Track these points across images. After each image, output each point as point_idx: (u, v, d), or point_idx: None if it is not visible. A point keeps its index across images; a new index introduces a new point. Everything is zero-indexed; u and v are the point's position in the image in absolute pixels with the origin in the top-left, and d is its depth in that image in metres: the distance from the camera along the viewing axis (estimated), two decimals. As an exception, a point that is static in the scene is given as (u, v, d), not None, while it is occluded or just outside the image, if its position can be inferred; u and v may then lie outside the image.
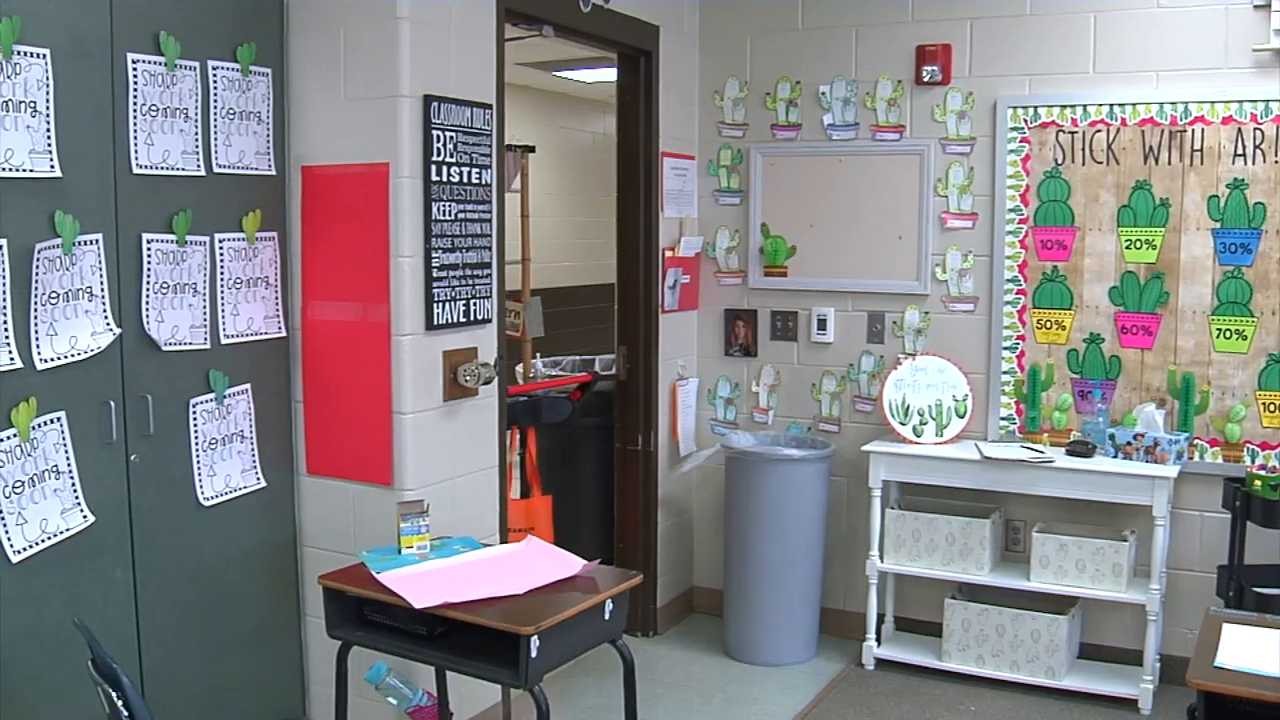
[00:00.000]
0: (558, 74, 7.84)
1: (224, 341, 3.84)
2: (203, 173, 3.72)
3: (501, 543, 4.34)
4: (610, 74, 5.74)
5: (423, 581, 3.37)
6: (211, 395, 3.80)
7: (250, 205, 3.92)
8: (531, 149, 5.60)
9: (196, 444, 3.75)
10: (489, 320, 4.30)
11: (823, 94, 5.49)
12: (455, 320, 4.12)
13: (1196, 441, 4.89)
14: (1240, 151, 4.74)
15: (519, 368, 5.80)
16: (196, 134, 3.69)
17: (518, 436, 5.34)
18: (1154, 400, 4.94)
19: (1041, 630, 4.87)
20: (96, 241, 3.36)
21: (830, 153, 5.47)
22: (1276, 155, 4.68)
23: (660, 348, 5.53)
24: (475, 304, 4.21)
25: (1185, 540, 4.96)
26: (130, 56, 3.45)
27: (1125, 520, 4.98)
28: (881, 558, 5.14)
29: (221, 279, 3.81)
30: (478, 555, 3.67)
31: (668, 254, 5.52)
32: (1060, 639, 4.84)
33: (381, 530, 3.90)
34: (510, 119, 4.51)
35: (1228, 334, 4.82)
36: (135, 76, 3.47)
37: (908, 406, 5.17)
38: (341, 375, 4.07)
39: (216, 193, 3.78)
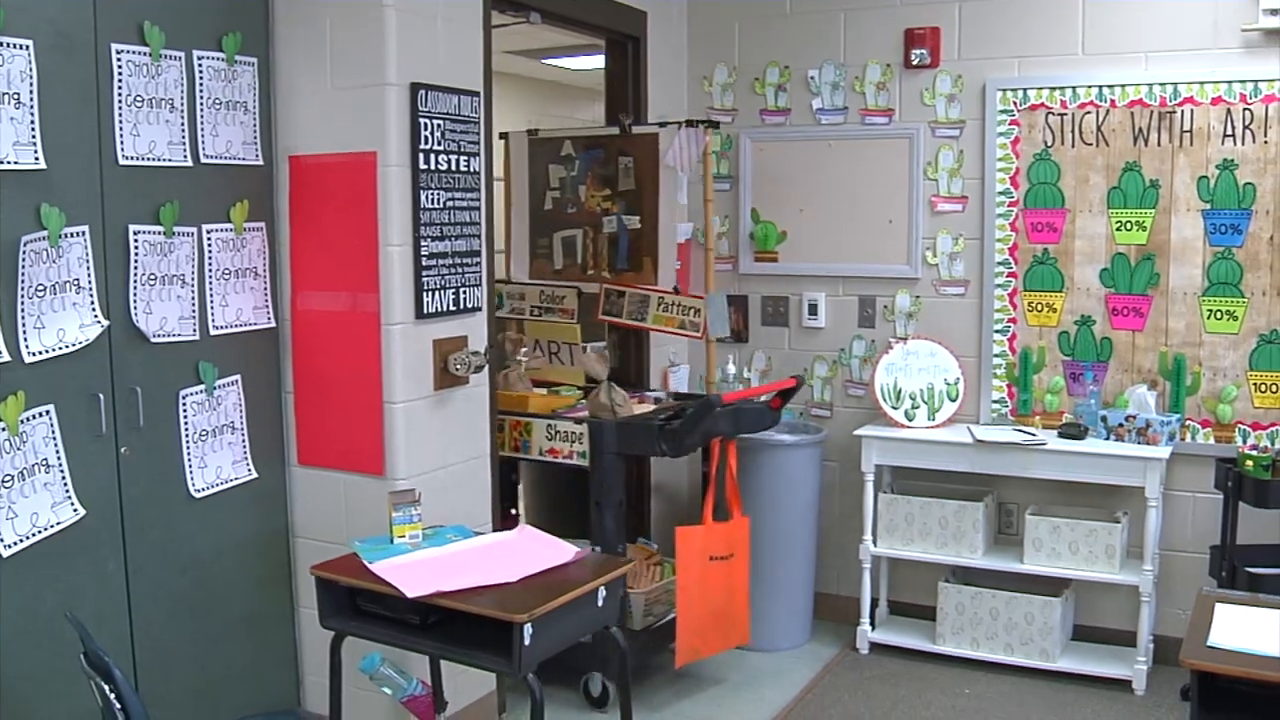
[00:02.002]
0: (546, 61, 7.81)
1: (213, 333, 3.83)
2: (189, 163, 3.71)
3: (494, 531, 4.33)
4: (599, 61, 5.73)
5: (415, 571, 3.37)
6: (201, 387, 3.79)
7: (238, 196, 3.90)
8: (715, 125, 5.23)
9: (187, 436, 3.74)
10: (479, 308, 4.29)
11: (811, 78, 5.47)
12: (445, 309, 4.11)
13: (1188, 422, 4.90)
14: (1230, 132, 4.74)
15: (669, 373, 5.75)
16: (183, 124, 3.68)
17: (718, 450, 4.72)
18: (1145, 382, 4.95)
19: (1035, 613, 4.88)
20: (83, 233, 3.35)
21: (819, 137, 5.46)
22: (1266, 135, 4.68)
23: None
24: (465, 292, 4.20)
25: (1177, 521, 4.97)
26: (114, 47, 3.43)
27: (1118, 502, 4.99)
28: (875, 542, 5.15)
29: (210, 270, 3.80)
30: (470, 544, 3.67)
31: None
32: (1054, 621, 4.85)
33: (374, 520, 3.90)
34: (500, 107, 4.50)
35: (1218, 315, 4.82)
36: (120, 67, 3.45)
37: (899, 390, 5.16)
38: (331, 365, 4.06)
39: (203, 183, 3.76)
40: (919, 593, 5.37)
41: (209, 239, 3.79)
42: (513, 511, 5.59)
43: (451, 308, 4.14)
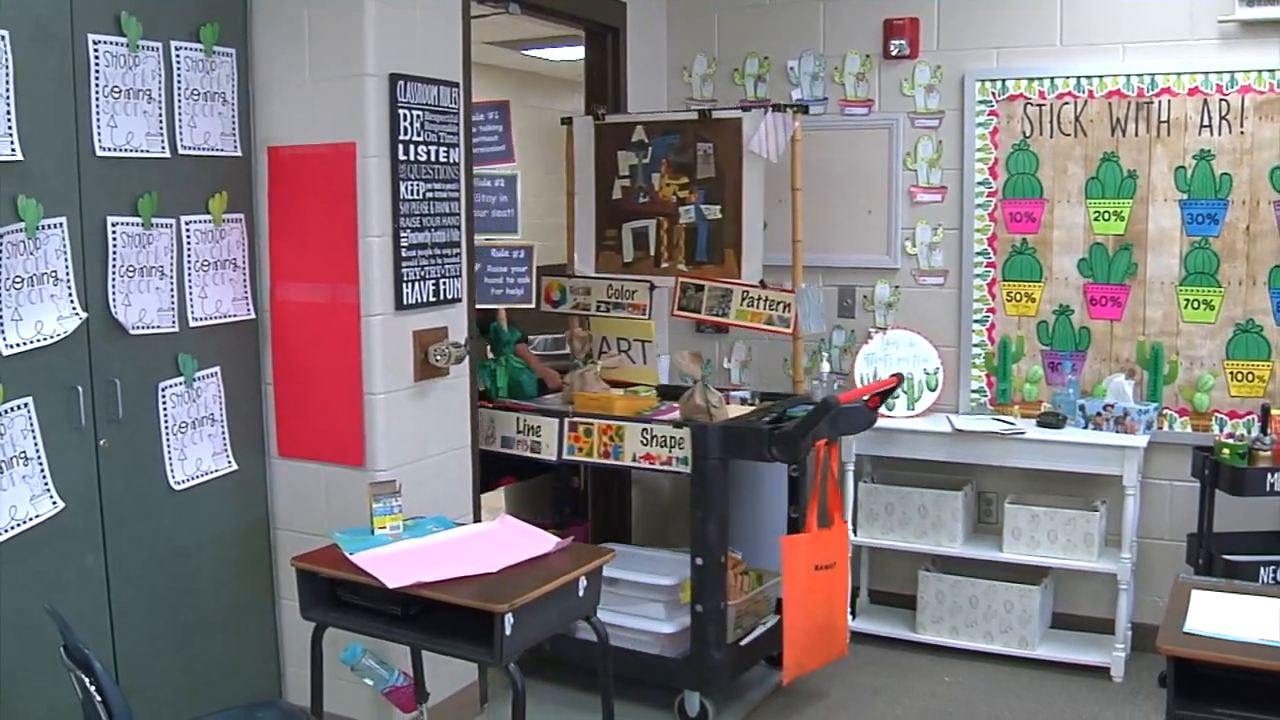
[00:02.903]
0: (526, 52, 7.80)
1: (192, 324, 3.82)
2: (167, 154, 3.69)
3: (475, 521, 4.34)
4: (579, 52, 5.72)
5: (396, 561, 3.37)
6: (181, 379, 3.78)
7: (216, 187, 3.89)
8: (805, 109, 5.00)
9: (166, 428, 3.73)
10: (459, 299, 4.29)
11: (791, 69, 5.48)
12: (425, 300, 4.11)
13: (1165, 411, 4.92)
14: (1206, 123, 4.76)
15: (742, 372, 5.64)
16: (160, 115, 3.66)
17: (821, 454, 4.44)
18: (1123, 371, 4.97)
19: (1014, 601, 4.90)
20: (60, 225, 3.33)
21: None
22: (1242, 126, 4.70)
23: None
24: (445, 283, 4.19)
25: (1155, 509, 4.99)
26: (91, 38, 3.42)
27: (1096, 490, 5.01)
28: (855, 531, 5.16)
29: (189, 261, 3.79)
30: (451, 534, 3.67)
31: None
32: (1033, 609, 4.88)
33: (354, 511, 3.89)
34: (480, 98, 4.49)
35: (1195, 304, 4.85)
36: (97, 58, 3.44)
37: (872, 375, 5.17)
38: (311, 357, 4.05)
39: (182, 175, 3.75)
40: (899, 581, 5.39)
41: (188, 230, 3.78)
42: (574, 517, 5.45)
43: (431, 299, 4.14)
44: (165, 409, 3.73)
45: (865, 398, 4.51)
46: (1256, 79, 4.66)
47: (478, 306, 4.58)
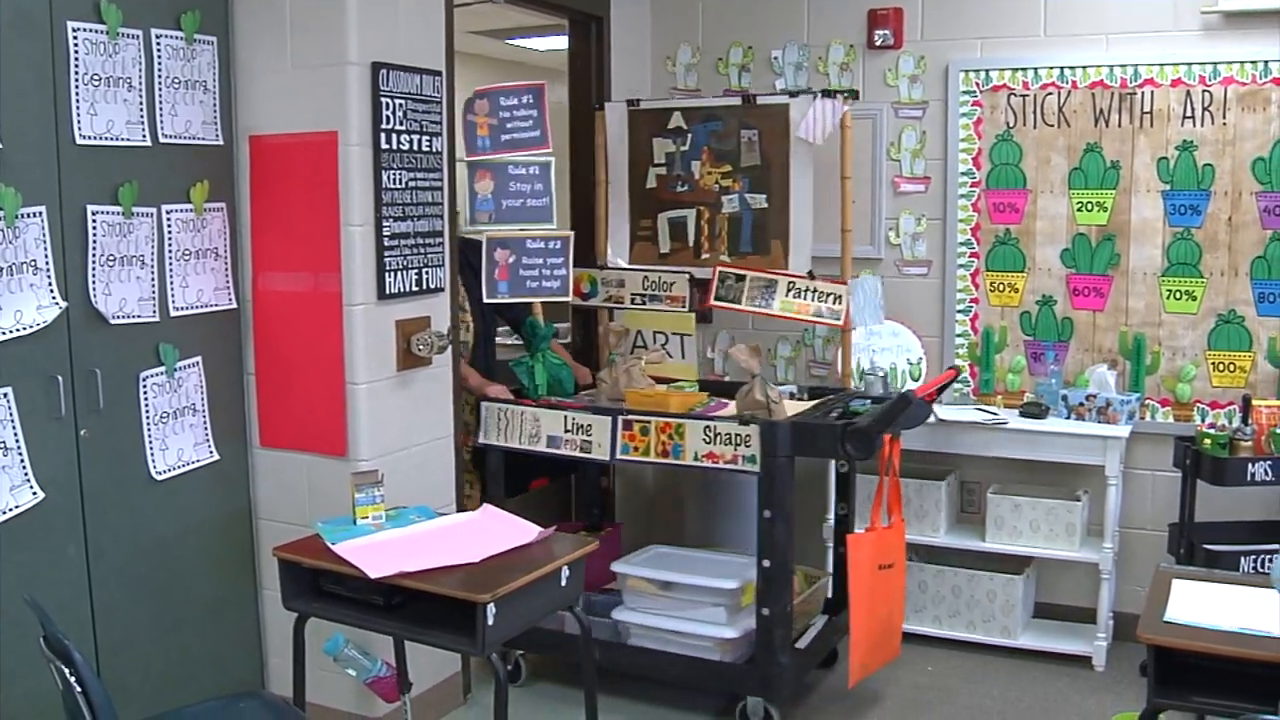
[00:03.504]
0: (510, 42, 7.77)
1: (173, 314, 3.81)
2: (148, 143, 3.68)
3: (458, 511, 4.33)
4: (563, 41, 5.71)
5: (378, 551, 3.36)
6: (162, 368, 3.77)
7: (198, 176, 3.88)
8: (854, 94, 4.89)
9: (147, 418, 3.72)
10: (441, 289, 4.28)
11: (775, 58, 5.48)
12: (407, 289, 4.10)
13: (1148, 401, 4.94)
14: (1189, 114, 4.77)
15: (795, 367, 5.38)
16: (141, 104, 3.65)
17: (886, 449, 4.27)
18: (1106, 361, 4.98)
19: (997, 590, 4.92)
20: (40, 214, 3.31)
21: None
22: (1225, 117, 4.72)
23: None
24: (427, 273, 4.19)
25: (1137, 499, 5.01)
26: (71, 25, 3.40)
27: (1078, 480, 5.03)
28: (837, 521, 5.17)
29: (170, 251, 3.78)
30: (433, 524, 3.66)
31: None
32: (1015, 599, 4.89)
33: (336, 501, 3.89)
34: (464, 88, 4.47)
35: (1178, 295, 4.86)
36: (76, 45, 3.42)
37: (862, 371, 5.18)
38: (294, 346, 4.05)
39: (163, 163, 3.74)
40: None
41: (169, 219, 3.77)
42: (603, 519, 5.34)
43: (414, 288, 4.13)
44: (146, 399, 3.71)
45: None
46: (1239, 70, 4.67)
47: (512, 300, 4.54)
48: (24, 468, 3.30)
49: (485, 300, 4.56)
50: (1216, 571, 3.69)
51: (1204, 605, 3.07)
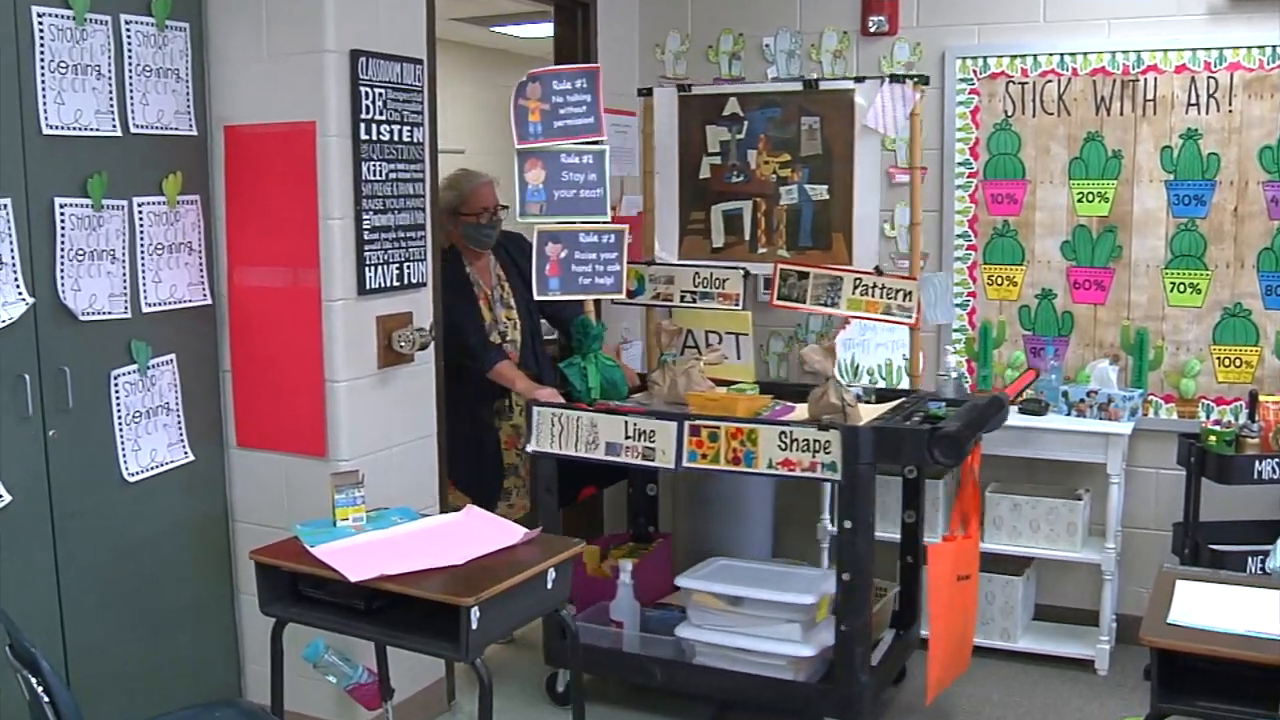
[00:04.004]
0: (495, 29, 7.75)
1: (145, 310, 3.78)
2: (118, 133, 3.65)
3: (441, 512, 4.31)
4: (549, 29, 5.68)
5: (359, 554, 3.34)
6: (134, 366, 3.74)
7: (170, 167, 3.85)
8: (925, 80, 4.70)
9: (119, 417, 3.69)
10: (423, 284, 4.26)
11: (766, 46, 5.45)
12: (388, 284, 4.08)
13: (1151, 398, 4.93)
14: (1194, 101, 4.76)
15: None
16: (111, 92, 3.61)
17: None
18: (1107, 356, 4.97)
19: (996, 592, 4.90)
20: (5, 206, 3.29)
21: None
22: (1231, 104, 4.71)
23: (602, 311, 5.48)
24: (409, 267, 4.17)
25: (1140, 498, 5.00)
26: (36, 10, 3.36)
27: (1079, 479, 5.01)
28: (832, 520, 5.15)
29: (142, 245, 3.75)
30: (415, 526, 3.64)
31: (610, 213, 5.46)
32: (1015, 600, 4.88)
33: (315, 503, 3.86)
34: (447, 77, 4.46)
35: (1182, 288, 4.85)
36: (42, 31, 3.38)
37: (857, 366, 5.17)
38: (271, 343, 4.02)
39: (134, 154, 3.71)
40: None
41: (140, 212, 3.74)
42: (650, 529, 5.17)
43: (395, 283, 4.11)
44: (118, 398, 3.68)
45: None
46: (1246, 56, 4.66)
47: (564, 298, 4.46)
48: (-10, 469, 3.28)
49: (536, 298, 4.46)
50: (1222, 572, 3.68)
51: (1209, 607, 3.06)
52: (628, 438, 4.22)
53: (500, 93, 9.29)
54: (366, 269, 3.98)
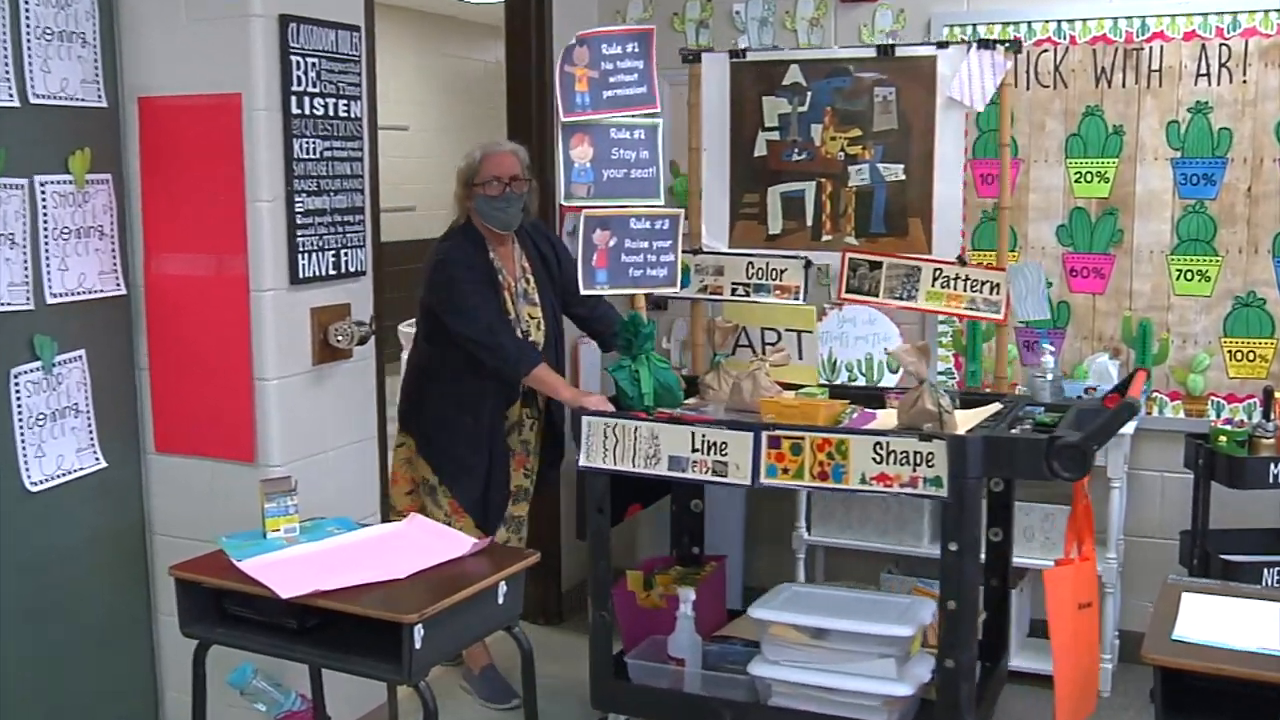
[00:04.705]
0: (441, -6, 7.74)
1: (50, 301, 3.74)
2: (15, 103, 3.60)
3: (383, 521, 4.32)
4: (499, -7, 5.67)
5: (291, 568, 3.34)
6: (37, 364, 3.71)
7: (77, 142, 3.82)
8: (1017, 45, 4.60)
9: (20, 420, 3.66)
10: (362, 273, 4.26)
11: (737, 14, 5.45)
12: (324, 273, 4.07)
13: (1155, 395, 4.96)
14: (1204, 71, 4.78)
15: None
16: (5, 57, 3.57)
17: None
18: (1107, 350, 4.99)
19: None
20: (-109, 186, 3.25)
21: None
22: (1245, 74, 4.72)
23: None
24: (346, 254, 4.16)
25: (1144, 504, 5.03)
26: (-83, -32, 3.34)
27: (1079, 483, 5.03)
28: (809, 529, 5.16)
29: (45, 229, 3.71)
30: (354, 537, 3.65)
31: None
32: (1008, 616, 4.89)
33: (244, 513, 3.84)
34: (388, 45, 4.44)
35: (1189, 275, 4.88)
36: (-76, -9, 3.35)
37: (835, 361, 5.17)
38: (194, 338, 4.01)
39: (34, 127, 3.67)
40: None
41: (43, 192, 3.70)
42: (695, 550, 4.98)
43: (331, 272, 4.10)
44: (19, 399, 3.65)
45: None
46: (1262, 20, 4.68)
47: (611, 291, 4.42)
48: (-121, 477, 3.24)
49: (583, 292, 4.41)
50: (1231, 584, 3.69)
51: (1218, 622, 3.07)
52: (695, 450, 4.05)
53: (447, 63, 9.24)
54: (299, 256, 3.96)
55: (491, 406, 4.55)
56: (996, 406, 4.26)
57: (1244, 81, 4.74)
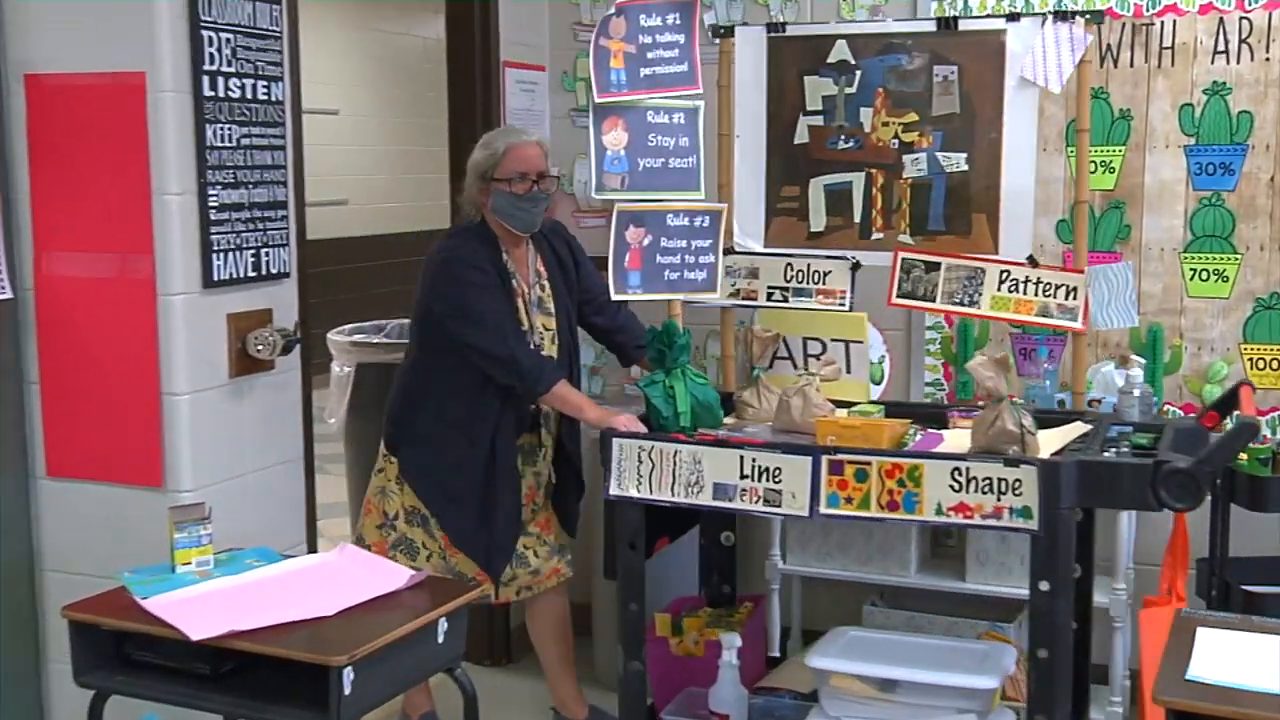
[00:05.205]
0: (373, -37, 7.74)
1: (-75, 306, 3.75)
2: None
3: (310, 553, 4.32)
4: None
5: (203, 606, 3.33)
6: (-91, 377, 3.70)
7: (-48, 126, 3.82)
8: (1098, 15, 4.50)
9: (-110, 441, 3.65)
10: (286, 274, 4.27)
11: (700, -15, 5.45)
12: (242, 275, 4.09)
13: (1167, 407, 4.98)
14: (1221, 48, 4.80)
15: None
16: None
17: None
18: (1113, 358, 5.01)
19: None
20: None
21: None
22: (1267, 51, 4.74)
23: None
24: (268, 254, 4.17)
25: (1156, 529, 5.02)
26: None
27: (1084, 506, 5.05)
28: (784, 557, 5.15)
29: (-85, 225, 3.72)
30: (277, 570, 3.66)
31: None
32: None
33: (150, 545, 3.84)
34: (313, 20, 4.43)
35: (1204, 275, 4.90)
36: None
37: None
38: (92, 348, 4.00)
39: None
40: (839, 619, 5.34)
41: (-86, 184, 3.71)
42: (726, 589, 5.00)
43: (250, 273, 4.12)
44: (-109, 416, 3.64)
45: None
46: (1286, -8, 4.72)
47: (646, 297, 4.39)
48: None
49: (614, 298, 4.40)
50: (1255, 619, 3.70)
51: (1237, 660, 3.07)
52: (744, 477, 3.99)
53: (379, 40, 9.21)
54: (214, 256, 3.96)
55: (496, 428, 4.43)
56: (1082, 427, 4.18)
57: (1266, 59, 4.76)
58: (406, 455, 4.50)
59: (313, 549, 4.39)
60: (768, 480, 3.95)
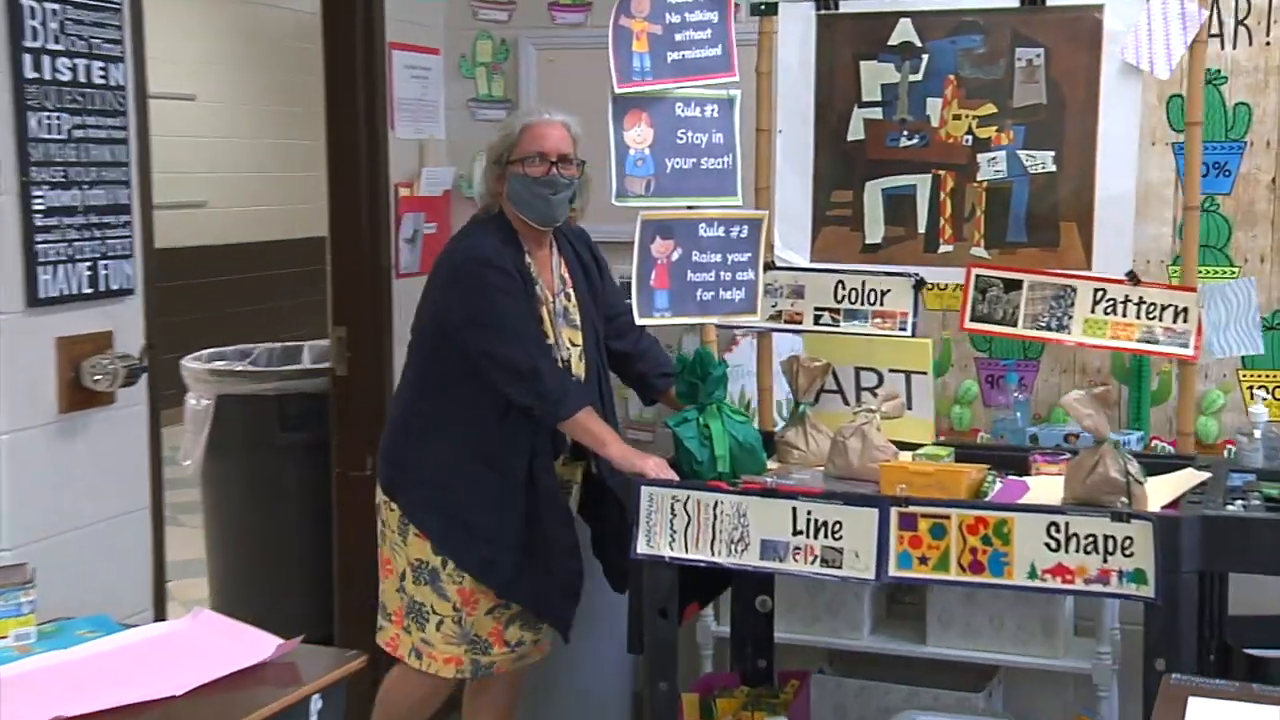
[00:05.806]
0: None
1: None
2: None
3: (157, 620, 4.27)
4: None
5: (23, 687, 3.26)
6: None
7: None
8: None
9: None
10: (129, 290, 4.23)
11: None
12: (75, 291, 4.03)
13: (1155, 443, 5.00)
14: (1215, 30, 4.82)
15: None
16: None
17: None
18: (1092, 386, 5.01)
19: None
20: None
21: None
22: (1267, 35, 4.78)
23: (395, 327, 5.49)
24: (107, 267, 4.13)
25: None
26: None
27: (1060, 557, 5.06)
28: (718, 618, 5.13)
29: None
30: (116, 642, 3.61)
31: (403, 192, 5.47)
32: (975, 727, 4.91)
33: (-40, 614, 3.77)
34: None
35: (1197, 290, 4.93)
36: None
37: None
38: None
39: None
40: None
41: None
42: (762, 664, 4.91)
43: (85, 290, 4.07)
44: None
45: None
46: (1291, -31, 4.75)
47: (672, 321, 4.38)
48: None
49: (638, 321, 4.37)
50: (1256, 687, 3.71)
51: (1236, 737, 3.08)
52: (797, 533, 3.93)
53: (245, 13, 9.14)
54: (39, 269, 3.91)
55: (533, 452, 4.37)
56: (1197, 474, 4.12)
57: (1267, 44, 4.80)
58: (413, 498, 4.43)
59: (161, 616, 4.34)
60: (826, 536, 3.89)
